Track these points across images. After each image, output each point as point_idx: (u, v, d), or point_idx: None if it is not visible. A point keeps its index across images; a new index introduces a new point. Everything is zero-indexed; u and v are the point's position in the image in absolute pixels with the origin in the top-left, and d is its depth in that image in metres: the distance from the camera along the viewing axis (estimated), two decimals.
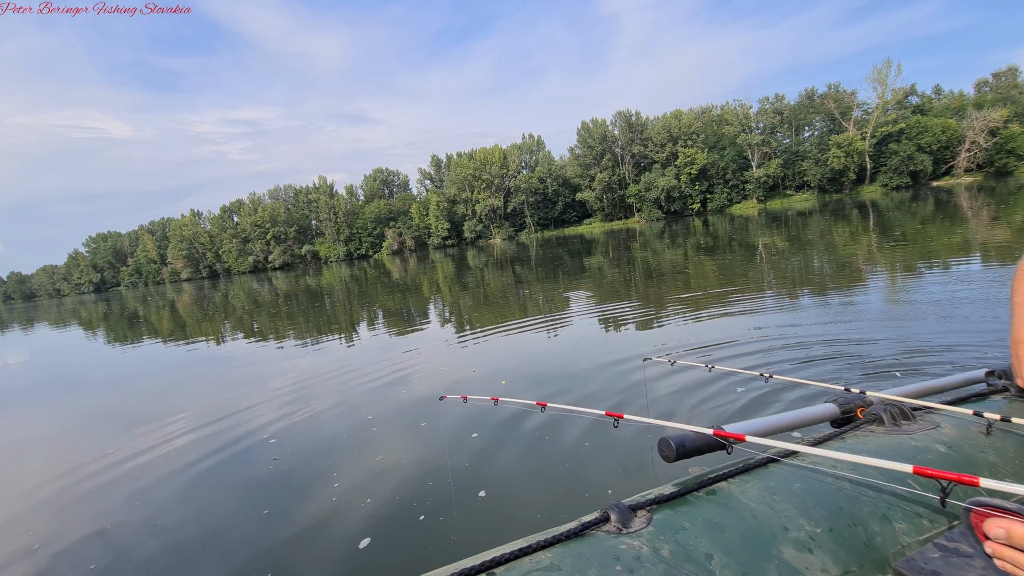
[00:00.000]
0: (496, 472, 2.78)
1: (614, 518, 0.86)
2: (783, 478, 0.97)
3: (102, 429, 4.78)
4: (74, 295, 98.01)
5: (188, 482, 3.22)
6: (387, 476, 2.88)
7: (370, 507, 2.55)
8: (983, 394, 1.33)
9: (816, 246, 12.41)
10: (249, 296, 22.90)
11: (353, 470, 3.02)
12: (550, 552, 0.81)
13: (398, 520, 2.40)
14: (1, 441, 5.00)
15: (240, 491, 2.96)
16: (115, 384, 7.18)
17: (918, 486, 0.89)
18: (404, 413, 3.95)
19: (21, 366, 10.97)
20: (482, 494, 2.55)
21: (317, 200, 77.18)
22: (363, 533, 2.31)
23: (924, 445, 1.06)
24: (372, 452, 3.24)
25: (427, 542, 2.21)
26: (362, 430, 3.69)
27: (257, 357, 7.61)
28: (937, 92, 55.40)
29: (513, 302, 9.66)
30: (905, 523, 0.88)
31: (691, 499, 0.93)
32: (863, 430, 1.15)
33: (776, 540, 0.83)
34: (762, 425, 1.12)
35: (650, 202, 56.48)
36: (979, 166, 44.64)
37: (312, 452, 3.41)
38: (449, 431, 3.43)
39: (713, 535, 0.83)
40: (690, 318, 5.96)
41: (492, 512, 2.40)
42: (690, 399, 3.36)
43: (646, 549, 0.80)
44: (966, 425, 1.13)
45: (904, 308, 5.11)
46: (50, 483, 3.55)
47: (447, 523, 2.34)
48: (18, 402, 6.91)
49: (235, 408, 4.69)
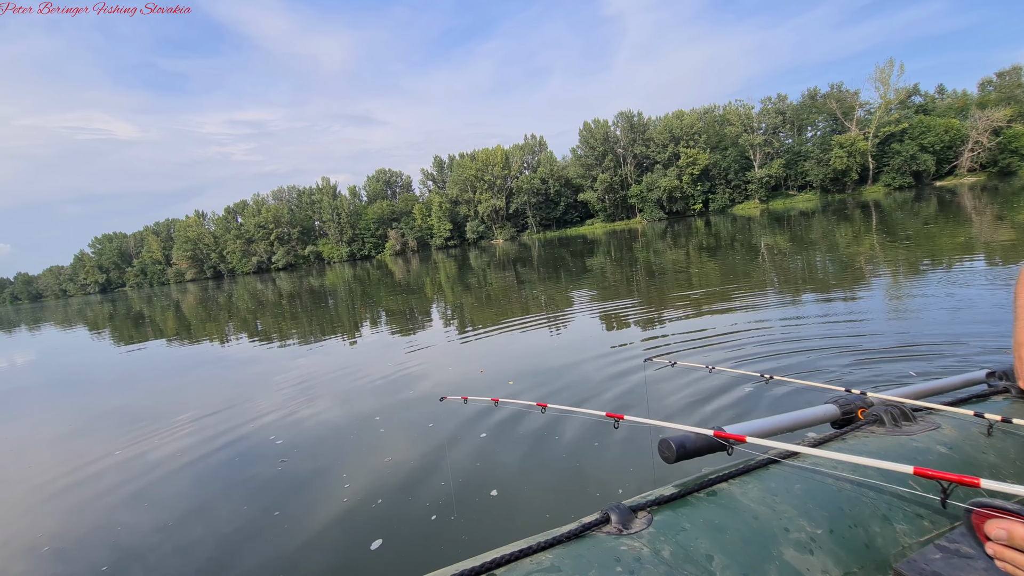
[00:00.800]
0: (497, 473, 2.79)
1: (614, 519, 0.86)
2: (784, 479, 0.97)
3: (108, 429, 4.82)
4: (80, 296, 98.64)
5: (197, 484, 3.23)
6: (396, 477, 2.89)
7: (380, 508, 2.56)
8: (984, 395, 1.33)
9: (818, 246, 12.42)
10: (253, 297, 23.03)
11: (361, 471, 3.03)
12: (551, 553, 0.81)
13: (409, 521, 2.42)
14: (11, 440, 5.09)
15: (250, 493, 2.97)
16: (121, 384, 7.27)
17: (919, 487, 0.89)
18: (410, 414, 3.97)
19: (29, 366, 11.10)
20: (484, 495, 2.57)
21: (320, 201, 77.48)
22: (374, 534, 2.33)
23: (925, 446, 1.06)
24: (379, 453, 3.26)
25: (438, 542, 2.24)
26: (368, 431, 3.72)
27: (262, 357, 7.68)
28: (940, 92, 55.23)
29: (514, 303, 9.74)
30: (906, 524, 0.88)
31: (692, 500, 0.93)
32: (864, 431, 1.15)
33: (777, 541, 0.83)
34: (762, 426, 1.11)
35: (652, 203, 56.46)
36: (982, 166, 44.44)
37: (319, 453, 3.41)
38: (449, 432, 3.44)
39: (714, 536, 0.83)
40: (691, 319, 5.98)
41: (493, 513, 2.41)
42: (691, 400, 3.37)
43: (646, 550, 0.80)
44: (967, 426, 1.12)
45: (905, 309, 5.12)
46: (59, 482, 3.58)
47: (453, 523, 2.36)
48: (26, 401, 7.00)
49: (240, 409, 4.72)
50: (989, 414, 1.10)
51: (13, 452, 4.65)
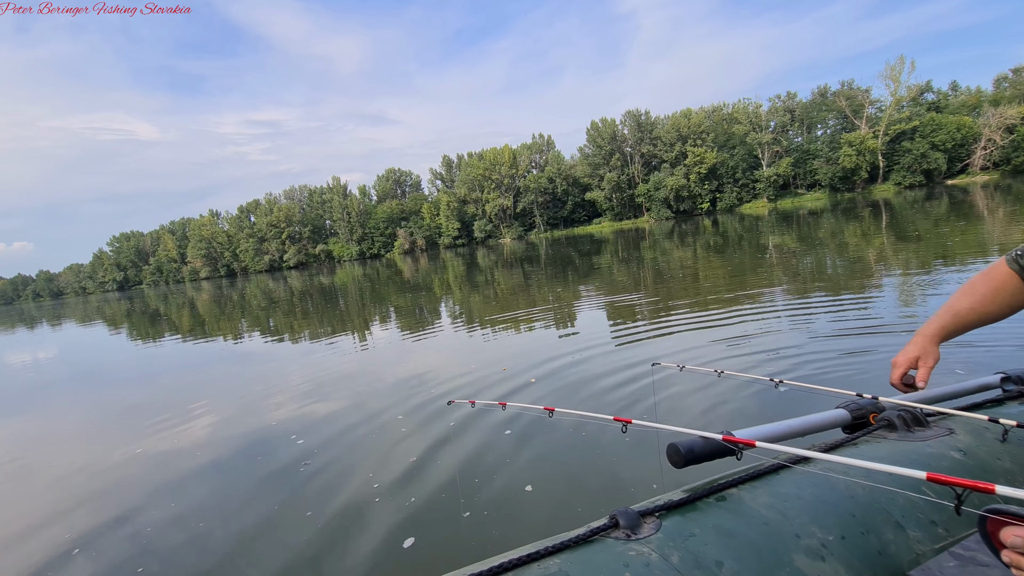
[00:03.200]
0: (504, 476, 2.78)
1: (623, 524, 0.85)
2: (794, 484, 0.96)
3: (128, 427, 4.86)
4: (99, 293, 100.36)
5: (225, 484, 3.23)
6: (422, 476, 2.90)
7: (411, 508, 2.59)
8: (999, 400, 1.31)
9: (827, 246, 12.22)
10: (266, 295, 23.39)
11: (387, 471, 3.03)
12: (558, 558, 0.80)
13: (440, 519, 2.45)
14: (35, 432, 5.26)
15: (278, 493, 2.95)
16: (141, 380, 7.39)
17: (932, 493, 0.88)
18: (428, 415, 3.97)
19: (51, 361, 11.37)
20: (489, 499, 2.57)
21: (331, 200, 78.38)
22: (406, 532, 2.36)
23: (938, 451, 1.04)
24: (404, 454, 3.26)
25: (470, 539, 2.27)
26: (387, 431, 3.73)
27: (275, 355, 7.77)
28: (954, 88, 54.49)
29: (521, 304, 9.83)
30: (919, 531, 0.87)
31: (700, 505, 0.92)
32: (875, 436, 1.13)
33: (787, 547, 0.82)
34: (772, 431, 1.09)
35: (659, 201, 56.40)
36: (995, 164, 43.85)
37: (342, 453, 3.42)
38: (457, 435, 3.45)
39: (723, 542, 0.82)
40: (699, 321, 5.96)
41: (499, 517, 2.41)
42: (699, 404, 3.34)
43: (655, 556, 0.79)
44: (981, 431, 1.11)
45: (918, 310, 5.03)
46: (84, 476, 3.66)
47: (481, 521, 2.40)
48: (49, 396, 7.16)
49: (259, 408, 4.74)
50: (1004, 419, 1.07)
51: (39, 443, 4.80)
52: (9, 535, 2.98)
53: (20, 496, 3.59)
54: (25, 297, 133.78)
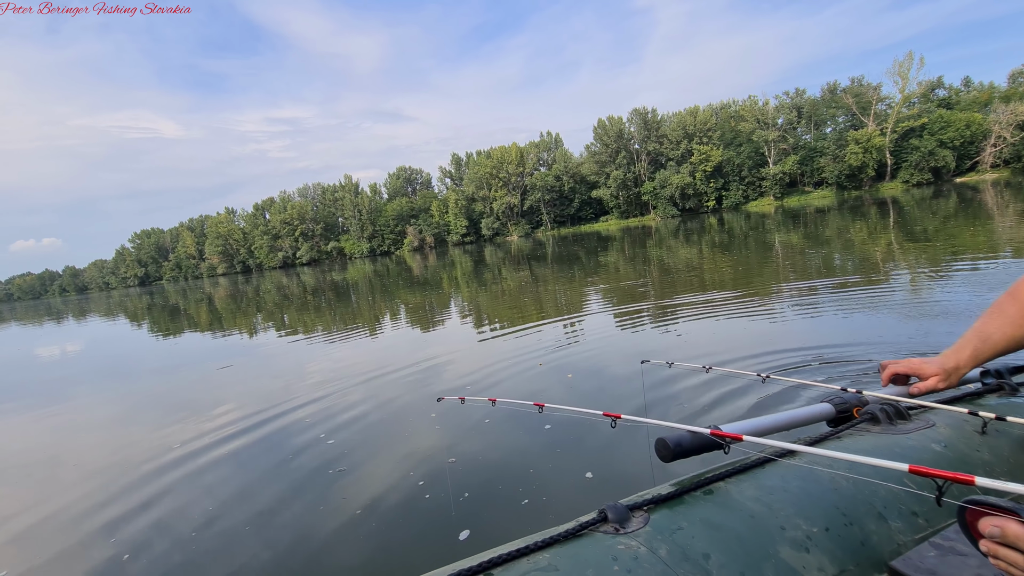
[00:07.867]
0: (493, 472, 2.81)
1: (611, 518, 0.86)
2: (780, 477, 0.97)
3: (156, 423, 4.83)
4: (121, 288, 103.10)
5: (264, 487, 3.12)
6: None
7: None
8: (978, 393, 1.33)
9: (830, 244, 12.17)
10: (280, 290, 24.20)
11: (426, 468, 2.99)
12: (548, 553, 0.81)
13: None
14: (63, 425, 5.35)
15: (321, 493, 2.88)
16: (162, 373, 7.54)
17: (914, 485, 0.89)
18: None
19: (77, 355, 11.59)
20: (478, 495, 2.61)
21: (343, 198, 79.99)
22: (461, 526, 2.35)
23: (920, 444, 1.06)
24: (442, 452, 3.21)
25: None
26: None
27: (294, 350, 7.81)
28: (967, 84, 53.94)
29: (521, 301, 10.02)
30: (901, 522, 0.89)
31: (688, 499, 0.93)
32: (859, 429, 1.15)
33: (773, 539, 0.84)
34: (759, 425, 1.11)
35: (665, 199, 56.74)
36: (1006, 161, 43.45)
37: (374, 450, 3.39)
38: (446, 431, 3.47)
39: (710, 535, 0.83)
40: (691, 318, 5.99)
41: (488, 513, 2.44)
42: (688, 400, 3.38)
43: (643, 549, 0.80)
44: (961, 424, 1.13)
45: (906, 308, 5.06)
46: (117, 471, 3.66)
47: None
48: (75, 389, 7.28)
49: (283, 406, 4.65)
50: (983, 412, 1.09)
51: (69, 436, 4.91)
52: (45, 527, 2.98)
53: (52, 490, 3.56)
54: (52, 292, 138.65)
